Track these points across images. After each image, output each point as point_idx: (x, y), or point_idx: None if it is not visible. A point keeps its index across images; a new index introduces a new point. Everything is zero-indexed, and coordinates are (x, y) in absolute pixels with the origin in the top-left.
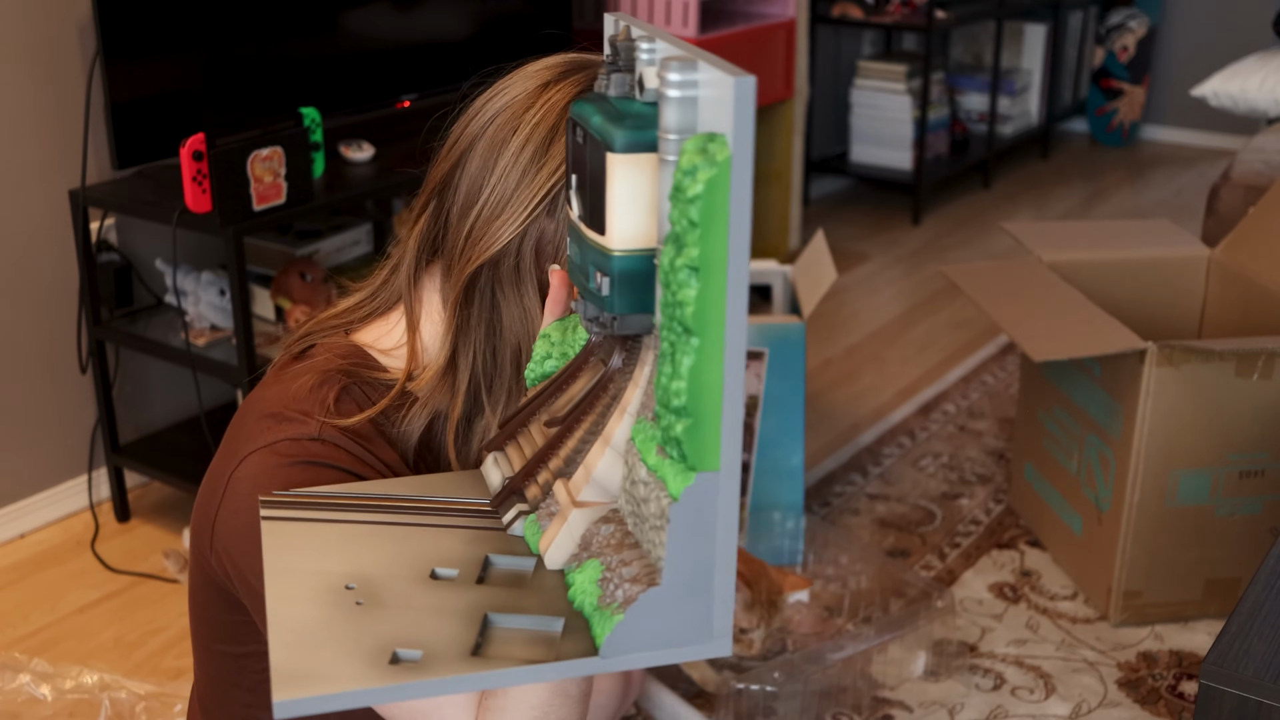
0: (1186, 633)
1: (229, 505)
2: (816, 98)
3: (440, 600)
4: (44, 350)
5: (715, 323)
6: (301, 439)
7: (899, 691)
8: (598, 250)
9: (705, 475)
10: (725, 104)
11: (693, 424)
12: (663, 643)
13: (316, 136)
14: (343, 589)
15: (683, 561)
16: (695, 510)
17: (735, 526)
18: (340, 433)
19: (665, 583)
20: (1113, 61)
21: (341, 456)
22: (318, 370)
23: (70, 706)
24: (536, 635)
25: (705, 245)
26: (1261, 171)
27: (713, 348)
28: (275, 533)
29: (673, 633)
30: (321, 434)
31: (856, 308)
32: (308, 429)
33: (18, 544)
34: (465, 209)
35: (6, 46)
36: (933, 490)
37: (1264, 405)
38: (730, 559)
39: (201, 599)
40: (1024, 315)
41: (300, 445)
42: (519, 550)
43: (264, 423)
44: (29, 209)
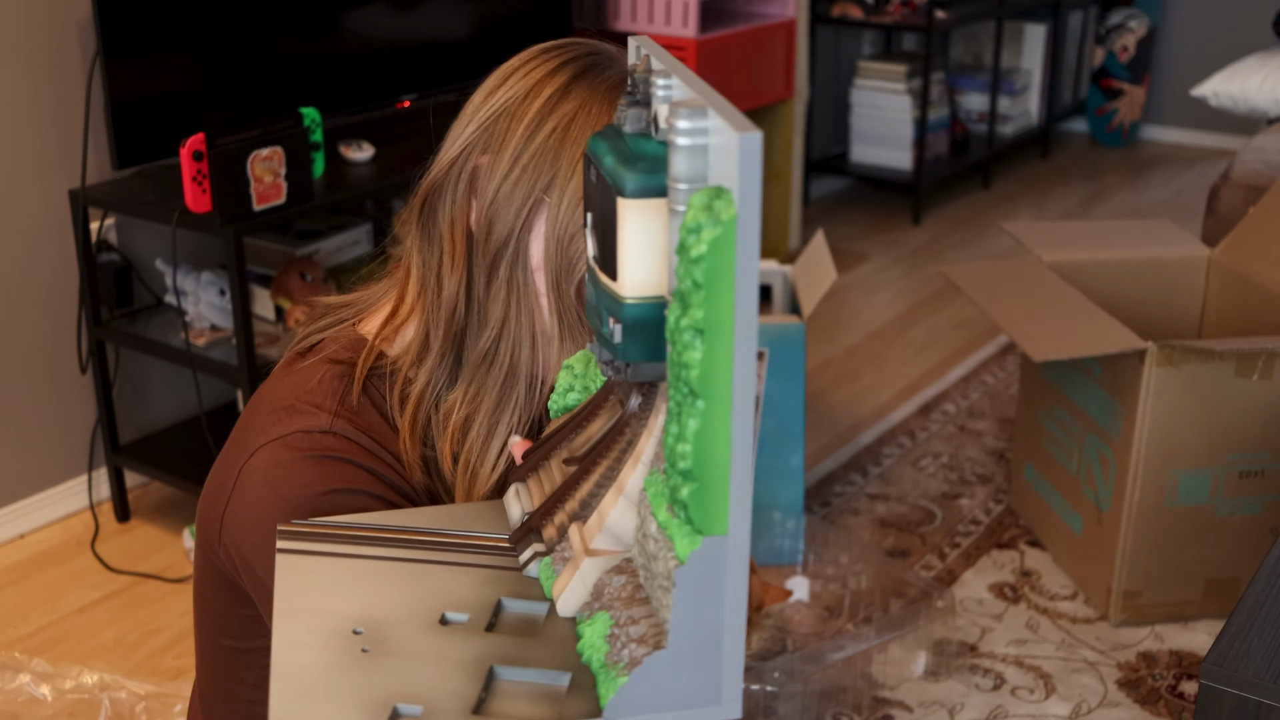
0: (1186, 633)
1: (239, 497)
2: (816, 98)
3: (447, 649)
4: (44, 350)
5: (722, 385)
6: (313, 431)
7: (899, 691)
8: (610, 296)
9: (712, 540)
10: (731, 158)
11: (698, 488)
12: (669, 705)
13: (316, 136)
14: (350, 634)
15: (689, 626)
16: (702, 575)
17: (744, 587)
18: (350, 425)
19: (671, 646)
20: (1113, 61)
21: (352, 449)
22: (326, 362)
23: (70, 706)
24: (542, 691)
25: (710, 307)
26: (1261, 171)
27: (719, 411)
28: (290, 567)
29: (680, 695)
30: (333, 427)
31: (856, 308)
32: (319, 421)
33: (18, 544)
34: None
35: (6, 46)
36: (933, 490)
37: (1264, 405)
38: (740, 620)
39: (207, 593)
40: (1024, 315)
41: (312, 438)
42: (533, 593)
43: (275, 415)
44: (29, 209)
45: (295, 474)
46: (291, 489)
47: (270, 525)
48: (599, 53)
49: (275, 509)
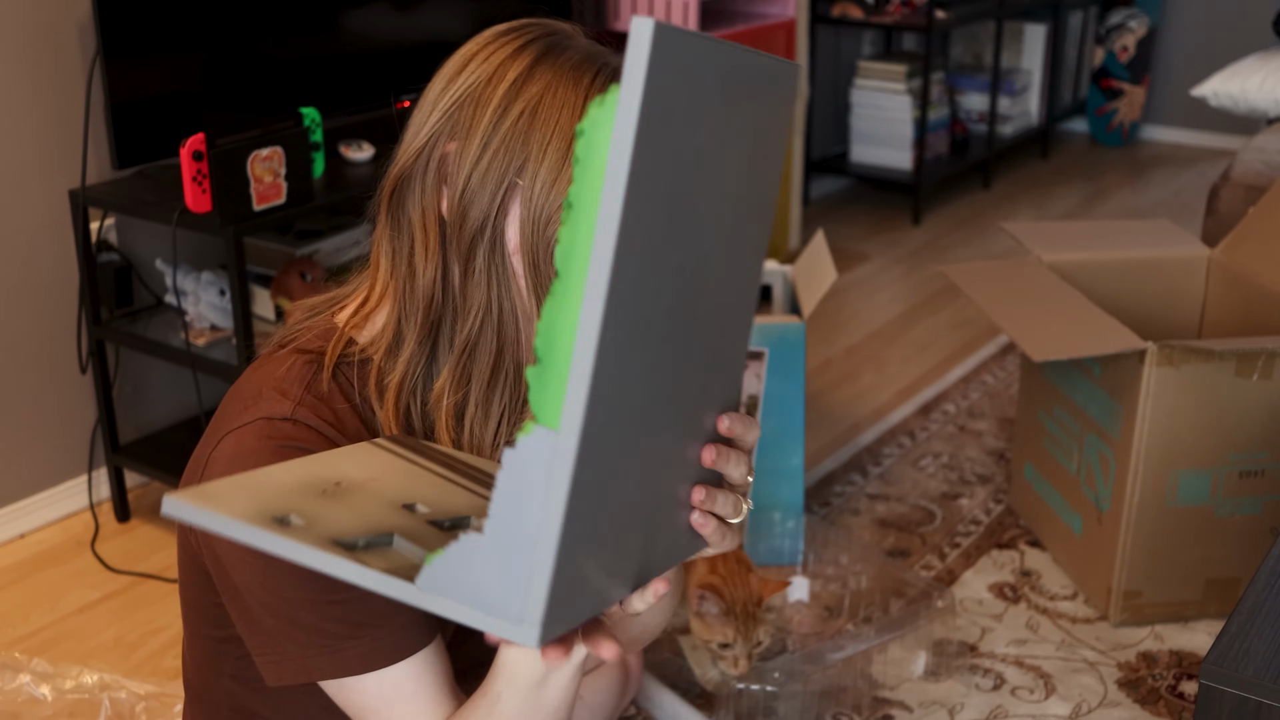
0: (1186, 633)
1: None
2: (816, 98)
3: (384, 518)
4: (44, 350)
5: (578, 265)
6: (274, 418)
7: (899, 691)
8: None
9: (542, 431)
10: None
11: (540, 370)
12: (470, 599)
13: (316, 136)
14: (334, 483)
15: (504, 518)
16: (524, 466)
17: (571, 505)
18: (313, 413)
19: (486, 533)
20: (1113, 61)
21: (312, 438)
22: (295, 352)
23: (70, 706)
24: (406, 559)
25: (580, 182)
26: (1261, 171)
27: (572, 291)
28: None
29: (483, 594)
30: (295, 414)
31: (856, 308)
32: (283, 409)
33: (18, 544)
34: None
35: (6, 46)
36: (933, 490)
37: (1264, 405)
38: (567, 545)
39: (186, 581)
40: (1024, 315)
41: (273, 426)
42: None
43: (243, 403)
44: (29, 209)
45: (253, 461)
46: None
47: None
48: (558, 32)
49: None
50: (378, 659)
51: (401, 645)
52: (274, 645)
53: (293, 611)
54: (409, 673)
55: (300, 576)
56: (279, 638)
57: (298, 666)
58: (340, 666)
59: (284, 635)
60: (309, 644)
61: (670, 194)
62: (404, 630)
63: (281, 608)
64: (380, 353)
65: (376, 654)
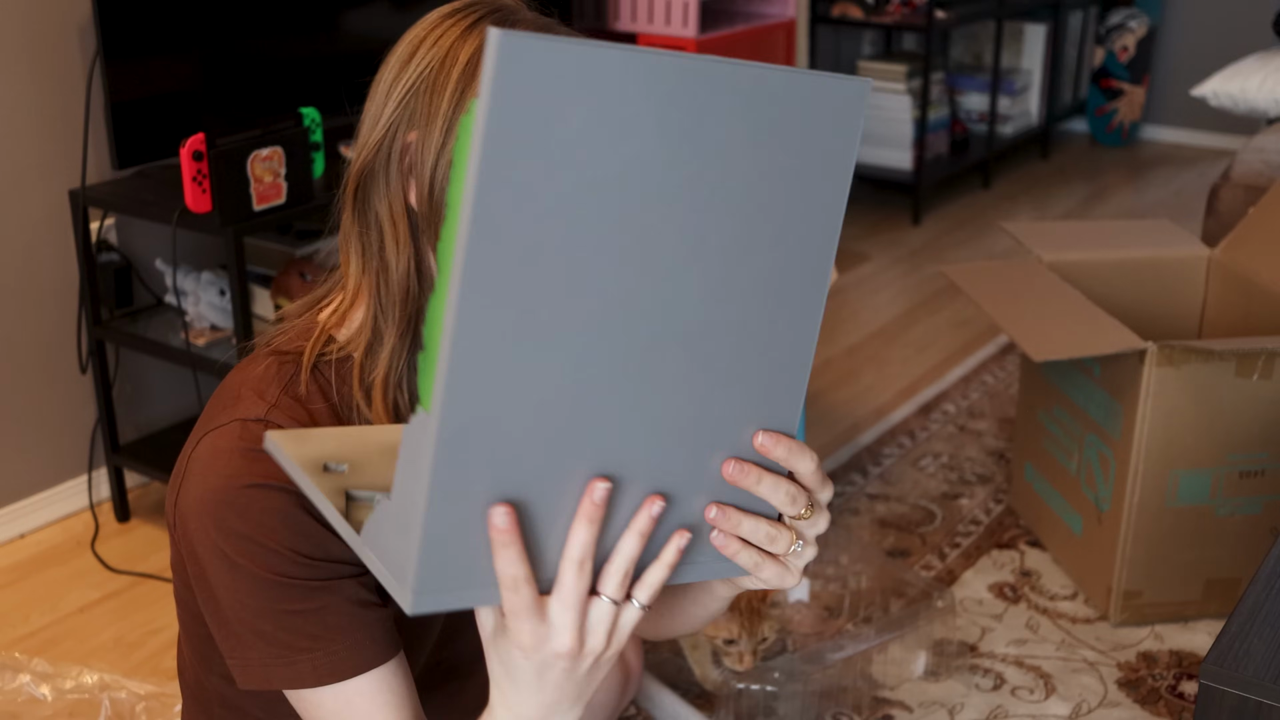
0: (1186, 633)
1: (185, 486)
2: None
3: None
4: (44, 350)
5: (447, 258)
6: (248, 420)
7: (899, 691)
8: None
9: (421, 414)
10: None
11: (424, 356)
12: (383, 558)
13: (316, 136)
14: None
15: (401, 488)
16: (410, 443)
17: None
18: (288, 415)
19: (391, 500)
20: (1113, 61)
21: None
22: (273, 353)
23: (70, 706)
24: (394, 515)
25: (453, 182)
26: (1261, 171)
27: (443, 285)
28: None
29: (389, 555)
30: (268, 416)
31: (856, 308)
32: (257, 410)
33: (18, 544)
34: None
35: (6, 47)
36: (933, 490)
37: (1264, 405)
38: (434, 521)
39: (179, 582)
40: (1024, 315)
41: (246, 428)
42: None
43: (221, 404)
44: (29, 209)
45: (224, 464)
46: (219, 479)
47: (203, 511)
48: (503, 8)
49: (205, 497)
50: (331, 673)
51: (356, 661)
52: (240, 650)
53: (254, 620)
54: (363, 689)
55: (262, 585)
56: (243, 644)
57: (259, 674)
58: (295, 678)
59: (247, 642)
60: (267, 653)
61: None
62: (359, 646)
63: (245, 614)
64: (360, 350)
65: (330, 668)
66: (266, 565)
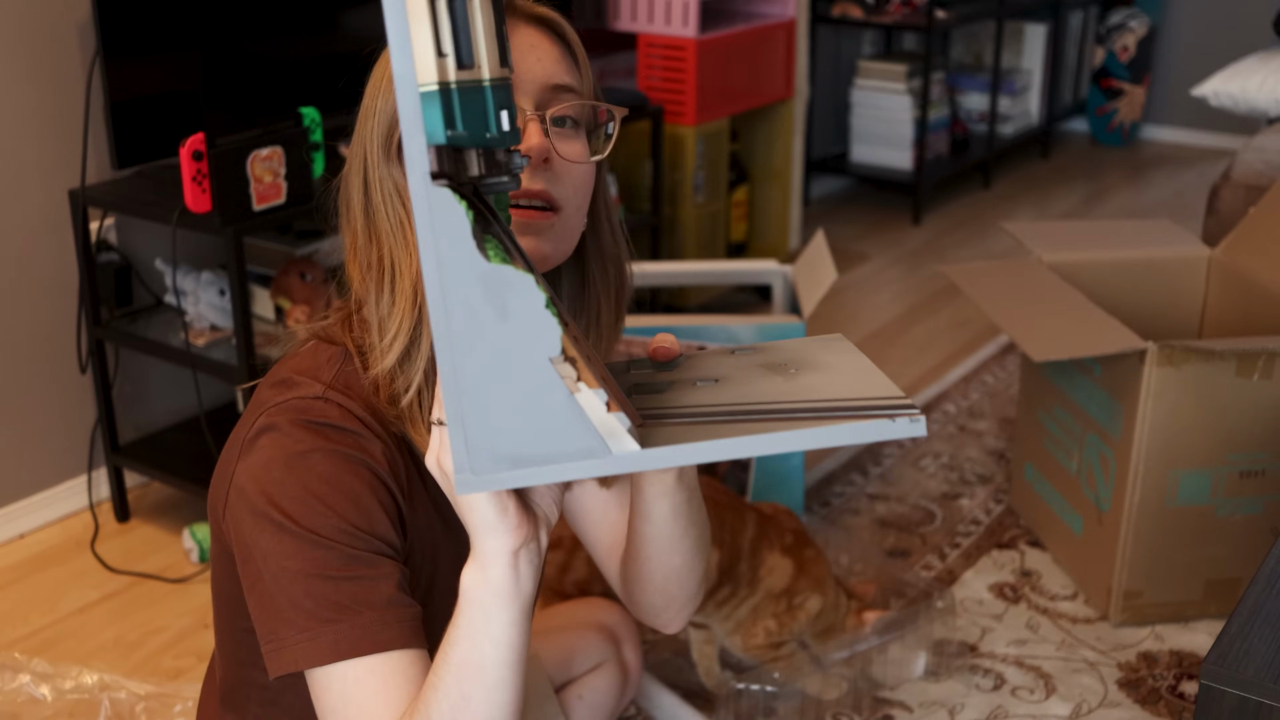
0: (1187, 633)
1: (243, 465)
2: (816, 98)
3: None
4: (44, 350)
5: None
6: (307, 398)
7: (899, 691)
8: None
9: None
10: None
11: None
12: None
13: (316, 136)
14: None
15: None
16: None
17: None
18: (344, 394)
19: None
20: (1113, 61)
21: (345, 416)
22: (321, 339)
23: (70, 707)
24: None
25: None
26: (1262, 171)
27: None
28: None
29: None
30: (326, 394)
31: (856, 308)
32: (314, 390)
33: (17, 544)
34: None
35: (6, 46)
36: (933, 490)
37: (1264, 405)
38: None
39: (220, 574)
40: (1024, 315)
41: (306, 403)
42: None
43: (274, 389)
44: (29, 209)
45: (286, 434)
46: (280, 448)
47: (262, 476)
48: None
49: (267, 462)
50: (352, 646)
51: (380, 637)
52: (274, 628)
53: (290, 585)
54: (377, 667)
55: (305, 544)
56: (279, 618)
57: (289, 656)
58: (316, 653)
59: (283, 616)
60: (296, 623)
61: None
62: (385, 624)
63: (283, 580)
64: (386, 367)
65: (352, 641)
66: (312, 525)
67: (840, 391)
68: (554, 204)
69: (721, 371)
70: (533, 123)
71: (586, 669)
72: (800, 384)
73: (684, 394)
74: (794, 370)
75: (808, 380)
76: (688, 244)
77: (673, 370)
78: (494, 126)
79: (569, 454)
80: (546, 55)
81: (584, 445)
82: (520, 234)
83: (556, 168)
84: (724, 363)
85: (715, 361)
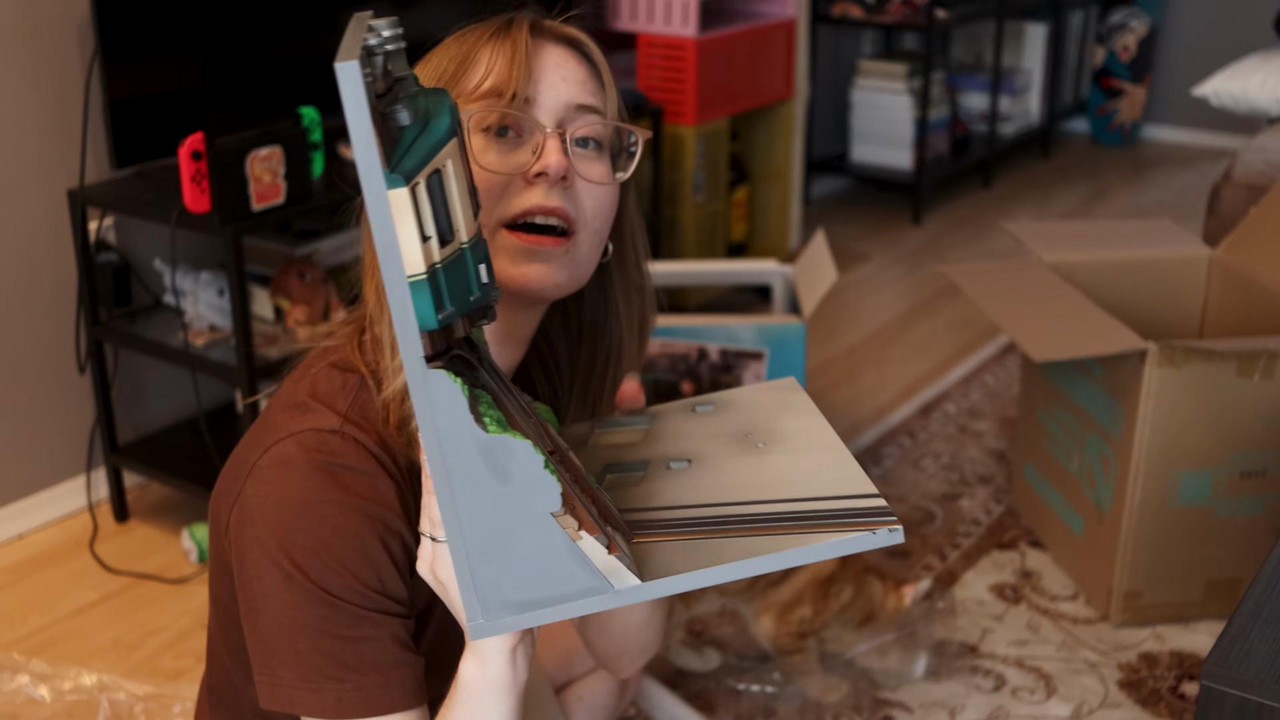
0: (1188, 633)
1: (249, 489)
2: (816, 98)
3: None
4: (42, 350)
5: None
6: (323, 430)
7: (899, 692)
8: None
9: None
10: None
11: None
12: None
13: (316, 136)
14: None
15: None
16: None
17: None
18: (359, 427)
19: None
20: (1114, 61)
21: (359, 454)
22: (337, 363)
23: (69, 707)
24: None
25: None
26: (1263, 171)
27: None
28: None
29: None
30: (342, 428)
31: (856, 308)
32: (330, 421)
33: (16, 544)
34: None
35: (5, 46)
36: (933, 490)
37: (1265, 405)
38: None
39: (218, 590)
40: (1024, 315)
41: (321, 438)
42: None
43: (289, 413)
44: (27, 209)
45: (301, 476)
46: (296, 491)
47: (272, 520)
48: (516, 15)
49: (279, 507)
50: (356, 707)
51: (384, 700)
52: (271, 667)
53: (294, 636)
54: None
55: (313, 601)
56: (277, 660)
57: (285, 695)
58: (318, 706)
59: (282, 659)
60: (299, 673)
61: None
62: (389, 686)
63: (287, 630)
64: (397, 389)
65: (357, 701)
66: (323, 583)
67: (815, 485)
68: (571, 225)
69: (691, 447)
70: (552, 139)
71: (586, 670)
72: (772, 468)
73: (662, 486)
74: (761, 445)
75: (778, 464)
76: (688, 244)
77: (642, 435)
78: (476, 286)
79: (574, 594)
80: (572, 75)
81: (588, 585)
82: (530, 260)
83: (577, 188)
84: (690, 431)
85: (681, 428)
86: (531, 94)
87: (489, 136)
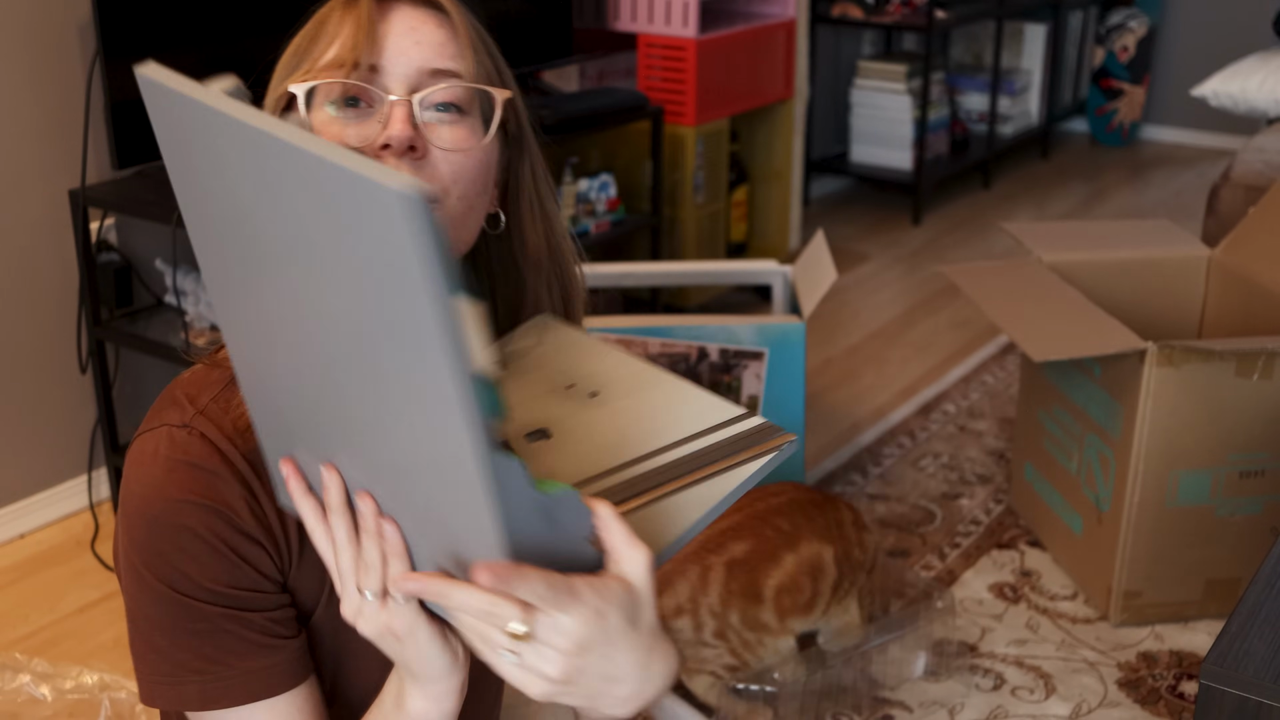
0: (1187, 633)
1: (122, 481)
2: (816, 98)
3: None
4: (44, 350)
5: None
6: (171, 426)
7: (899, 691)
8: None
9: None
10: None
11: None
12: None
13: None
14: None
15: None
16: None
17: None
18: (213, 423)
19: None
20: (1113, 61)
21: (205, 451)
22: (217, 359)
23: (70, 707)
24: None
25: None
26: (1262, 171)
27: None
28: None
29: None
30: (191, 423)
31: (856, 308)
32: (184, 416)
33: (18, 544)
34: None
35: (6, 47)
36: (933, 490)
37: (1264, 405)
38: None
39: None
40: (1024, 315)
41: (171, 434)
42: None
43: (159, 407)
44: (29, 209)
45: (147, 472)
46: (141, 488)
47: (122, 517)
48: None
49: (126, 504)
50: (219, 698)
51: (248, 689)
52: (138, 663)
53: (152, 633)
54: (256, 716)
55: (163, 600)
56: (141, 656)
57: (149, 691)
58: (180, 699)
59: (143, 655)
60: (159, 669)
61: (218, 225)
62: (252, 674)
63: (145, 626)
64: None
65: (219, 692)
66: (169, 581)
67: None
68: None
69: (533, 416)
70: (399, 108)
71: None
72: (631, 417)
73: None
74: (594, 395)
75: (632, 410)
76: (688, 244)
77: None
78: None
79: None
80: (426, 39)
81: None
82: None
83: (433, 156)
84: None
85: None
86: (378, 61)
87: (338, 108)
